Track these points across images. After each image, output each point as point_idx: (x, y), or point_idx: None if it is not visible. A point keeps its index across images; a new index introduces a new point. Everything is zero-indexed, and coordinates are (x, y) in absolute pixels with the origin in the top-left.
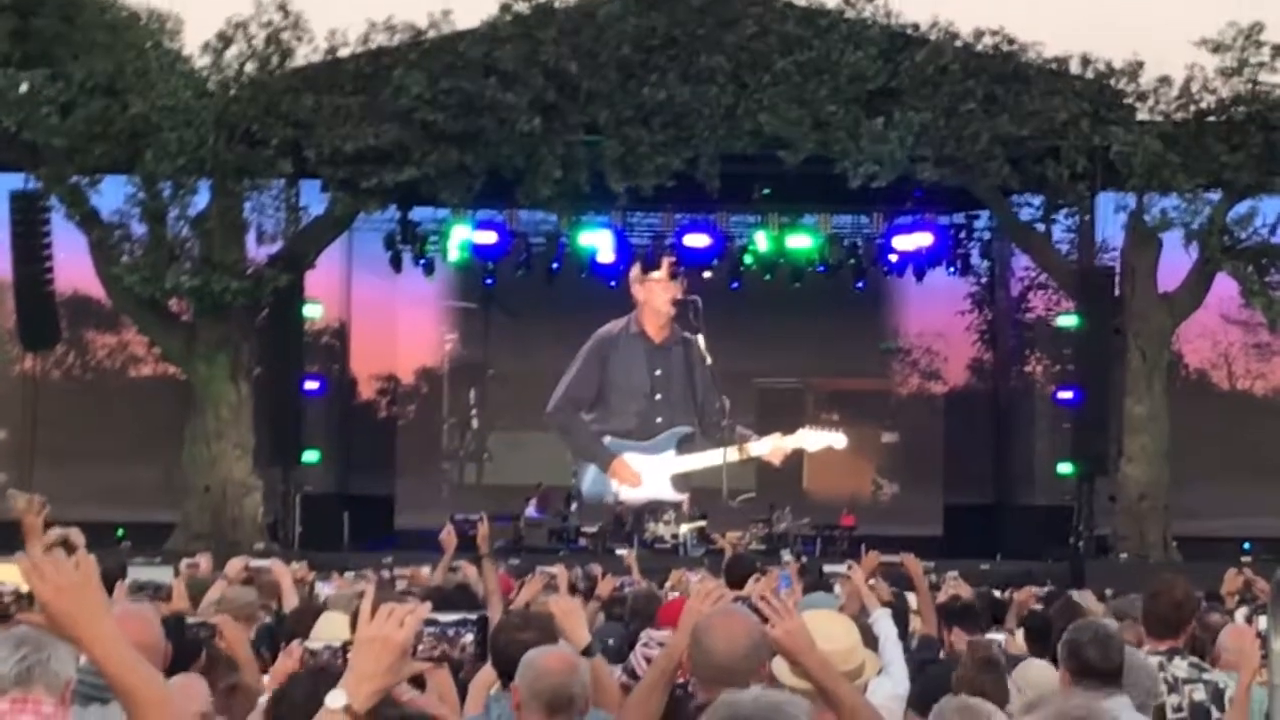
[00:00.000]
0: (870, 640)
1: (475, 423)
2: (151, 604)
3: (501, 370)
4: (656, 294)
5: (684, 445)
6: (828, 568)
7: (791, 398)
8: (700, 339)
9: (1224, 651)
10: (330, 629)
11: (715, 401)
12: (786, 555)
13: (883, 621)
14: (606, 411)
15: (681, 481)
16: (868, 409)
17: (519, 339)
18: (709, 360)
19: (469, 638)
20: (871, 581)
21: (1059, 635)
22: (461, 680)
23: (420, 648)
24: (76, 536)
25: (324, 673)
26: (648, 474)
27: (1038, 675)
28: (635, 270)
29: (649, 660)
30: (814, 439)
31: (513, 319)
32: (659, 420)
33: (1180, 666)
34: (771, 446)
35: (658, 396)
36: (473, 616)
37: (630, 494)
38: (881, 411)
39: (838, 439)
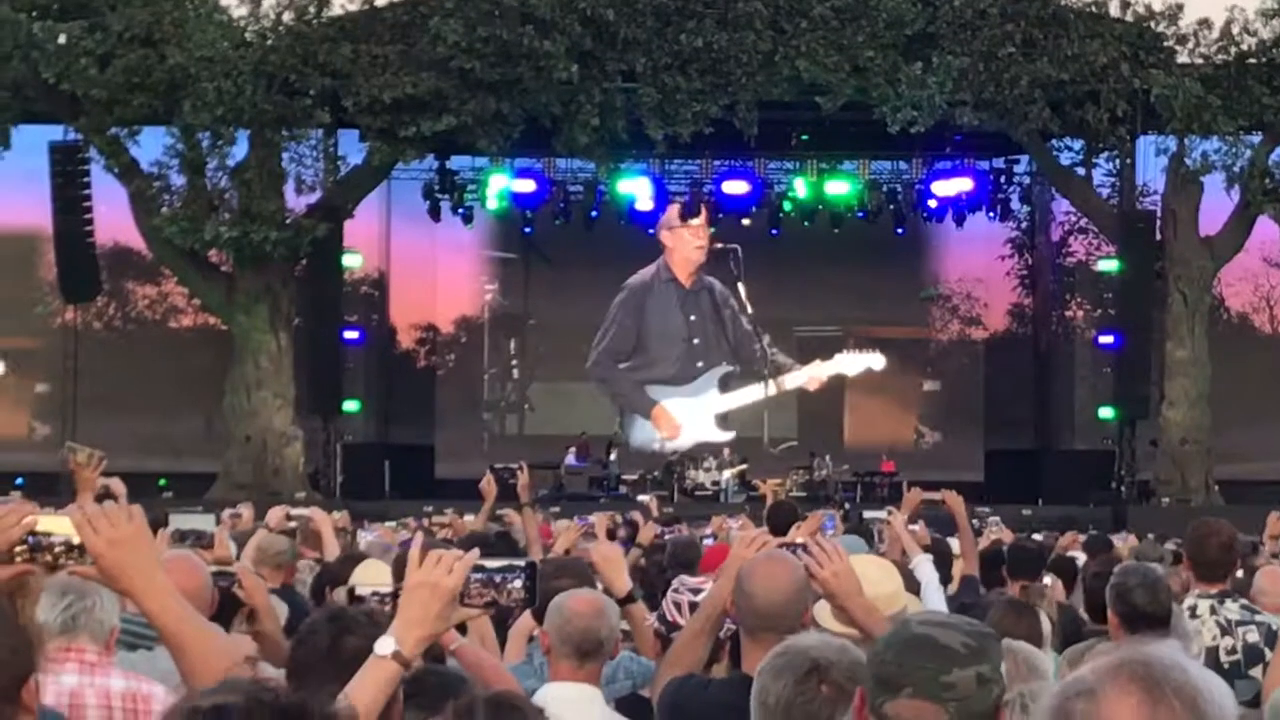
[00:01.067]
0: (911, 585)
1: (516, 373)
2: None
3: (541, 320)
4: (687, 241)
5: (725, 384)
6: (868, 513)
7: (831, 345)
8: (741, 288)
9: (1261, 595)
10: (368, 576)
11: (754, 343)
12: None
13: (923, 566)
14: (646, 359)
15: (725, 421)
16: (908, 356)
17: (558, 288)
18: (749, 308)
19: (517, 584)
20: (913, 528)
21: (1090, 580)
22: (508, 627)
23: (468, 594)
24: (117, 486)
25: (342, 616)
26: (690, 418)
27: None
28: (664, 218)
29: (679, 606)
30: (852, 362)
31: (551, 267)
32: (699, 364)
33: (1232, 609)
34: (809, 374)
35: (695, 340)
36: (520, 563)
37: (674, 441)
38: (922, 358)
39: (876, 359)
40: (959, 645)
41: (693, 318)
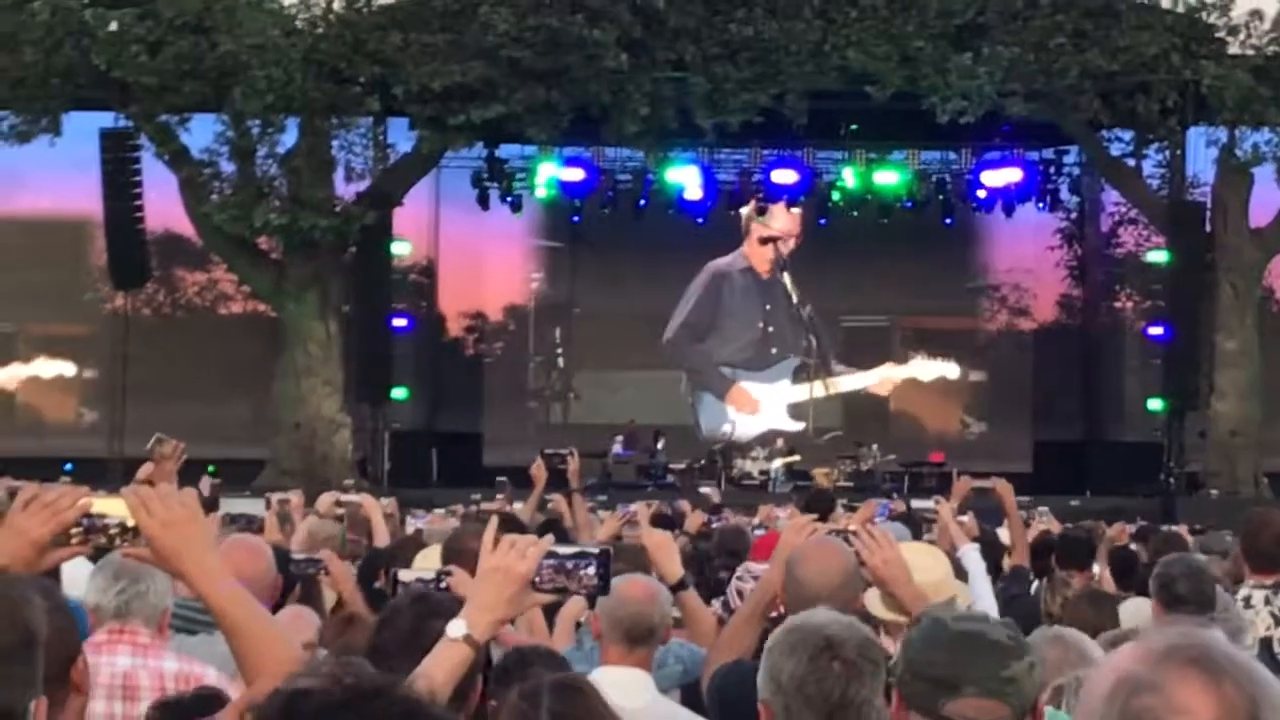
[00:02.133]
0: (959, 574)
1: (561, 361)
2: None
3: (588, 308)
4: (770, 231)
5: (799, 375)
6: (916, 503)
7: (878, 336)
8: (787, 277)
9: None
10: (429, 564)
11: (805, 339)
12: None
13: (971, 555)
14: (721, 340)
15: (796, 411)
16: (955, 347)
17: (605, 277)
18: (795, 298)
19: (590, 571)
20: (963, 518)
21: (1146, 570)
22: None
23: (540, 580)
24: (206, 485)
25: (427, 599)
26: (765, 402)
27: (1134, 612)
28: (747, 210)
29: (741, 594)
30: (928, 369)
31: (597, 255)
32: (774, 351)
33: None
34: (881, 377)
35: (770, 329)
36: (594, 549)
37: (747, 424)
38: (969, 349)
39: (950, 368)
40: (1006, 639)
41: (768, 306)
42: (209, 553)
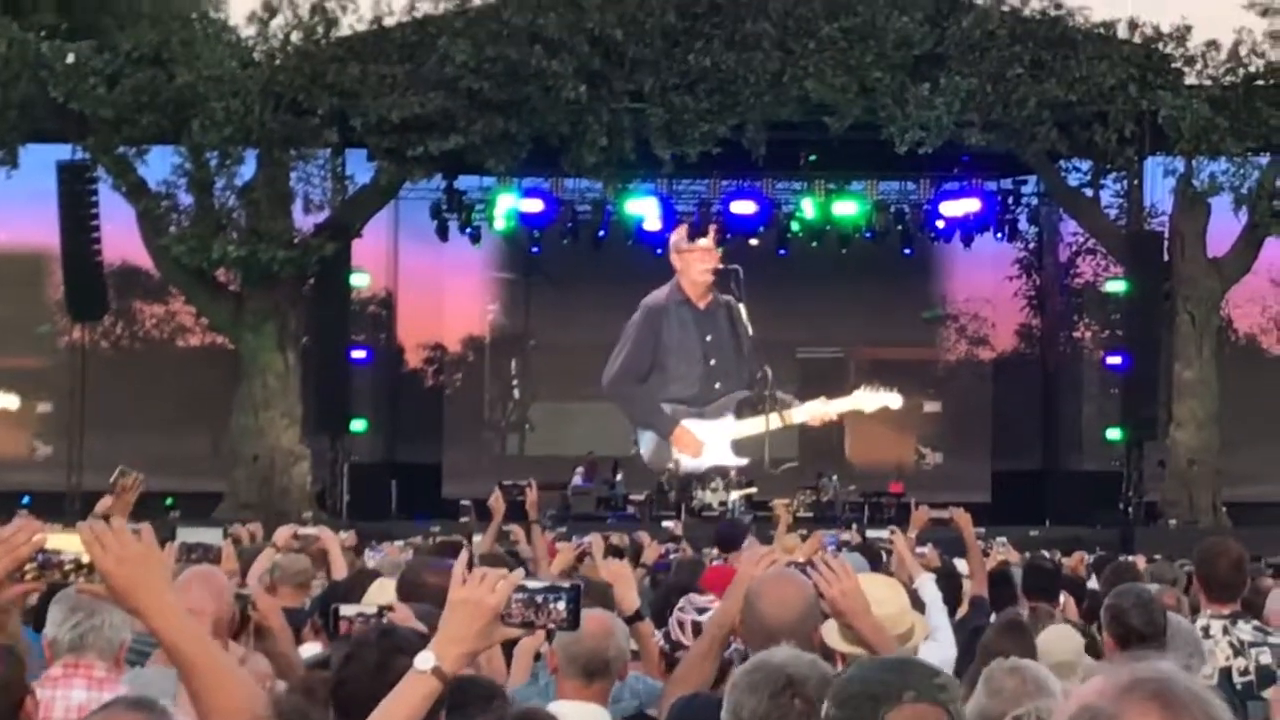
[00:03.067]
0: (916, 605)
1: (517, 393)
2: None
3: (544, 340)
4: (692, 264)
5: (743, 410)
6: (871, 533)
7: (833, 367)
8: (742, 308)
9: (1274, 616)
10: (382, 595)
11: (757, 370)
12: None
13: (927, 585)
14: (664, 378)
15: (741, 447)
16: (911, 378)
17: (561, 308)
18: (750, 330)
19: (560, 605)
20: (923, 549)
21: (1096, 600)
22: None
23: (510, 613)
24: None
25: (392, 634)
26: (709, 441)
27: (1058, 641)
28: (673, 239)
29: (683, 625)
30: (870, 400)
31: (554, 287)
32: (717, 386)
33: (1245, 630)
34: (825, 410)
35: (712, 362)
36: (565, 585)
37: (691, 461)
38: (925, 380)
39: (893, 399)
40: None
41: (709, 338)
42: (165, 590)
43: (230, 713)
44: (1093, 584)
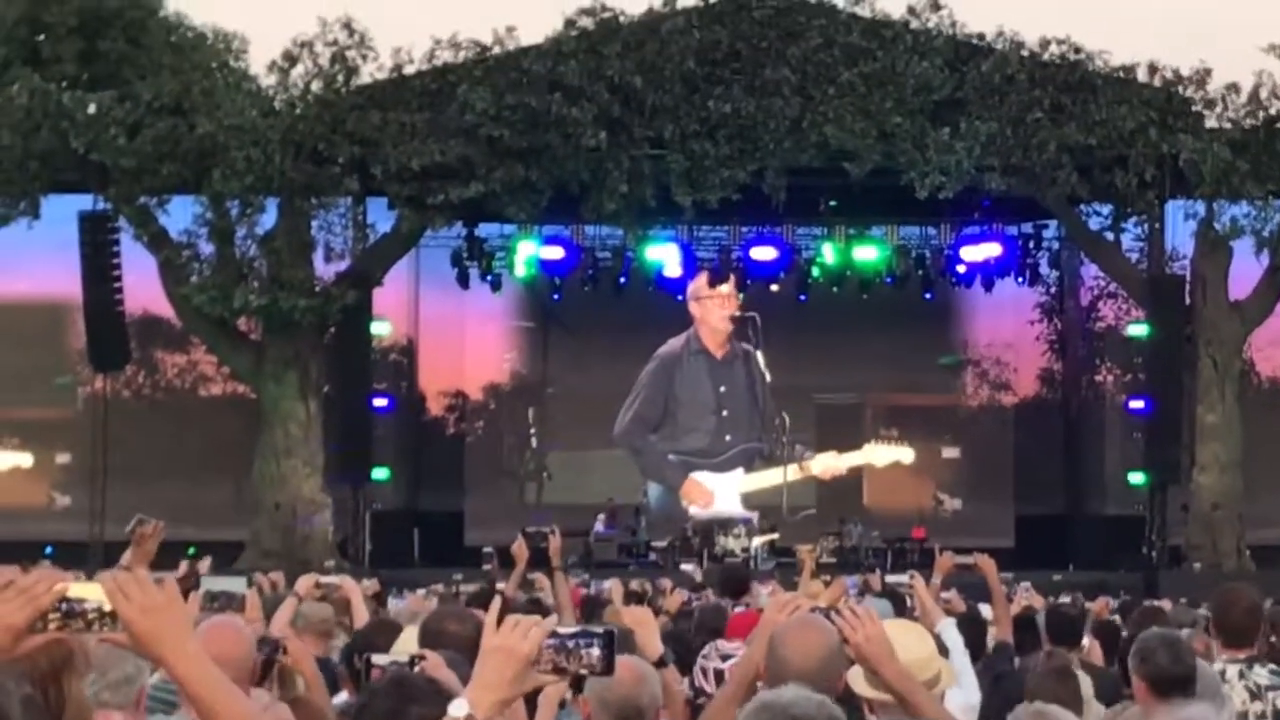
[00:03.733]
0: (940, 650)
1: (534, 441)
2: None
3: (563, 388)
4: (713, 311)
5: (753, 462)
6: (890, 578)
7: (850, 413)
8: (759, 355)
9: None
10: (407, 645)
11: (775, 418)
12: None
13: (949, 631)
14: (675, 430)
15: (751, 500)
16: (929, 424)
17: (581, 355)
18: (768, 377)
19: (594, 651)
20: (948, 595)
21: (1127, 643)
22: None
23: (542, 660)
24: (204, 566)
25: (405, 683)
26: (718, 492)
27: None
28: (692, 287)
29: (707, 672)
30: (881, 454)
31: (573, 335)
32: (728, 438)
33: (1261, 674)
34: (836, 464)
35: (724, 413)
36: (598, 630)
37: (701, 513)
38: (943, 426)
39: (905, 454)
40: None
41: (723, 389)
42: (187, 639)
43: None
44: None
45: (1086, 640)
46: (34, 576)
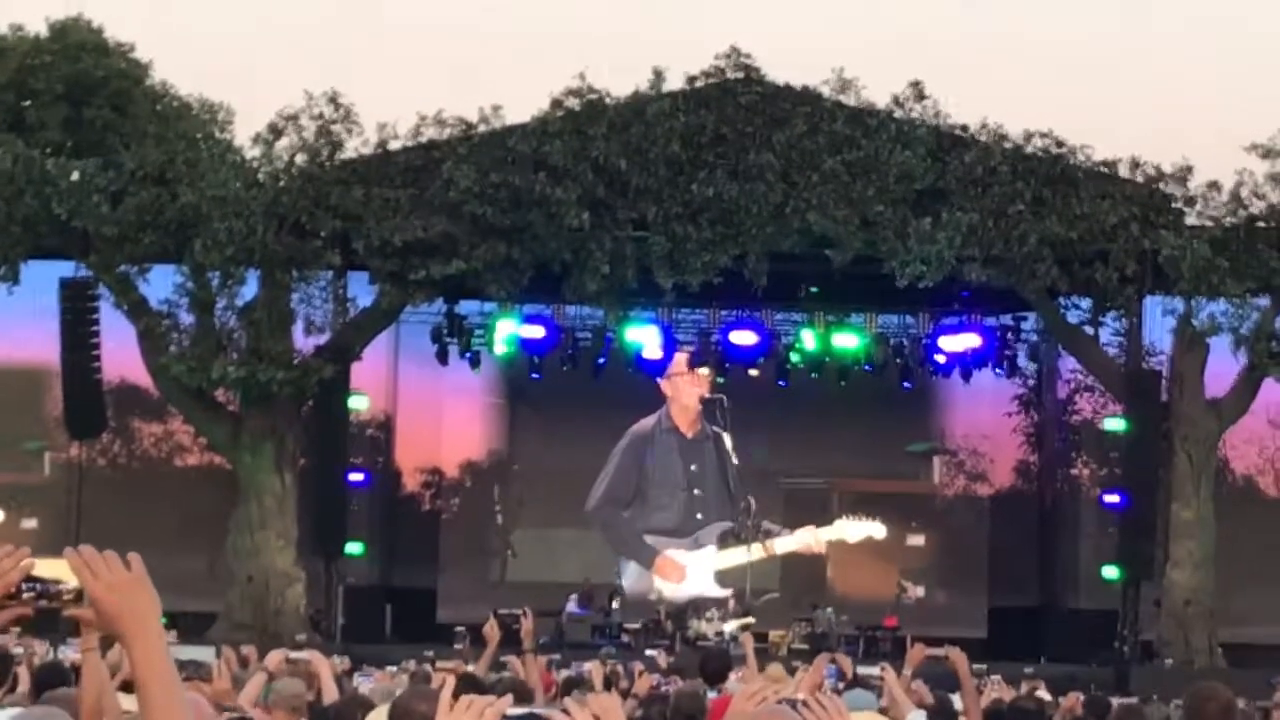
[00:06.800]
0: None
1: (500, 518)
2: (194, 687)
3: (530, 465)
4: (684, 389)
5: (725, 541)
6: (861, 669)
7: (817, 498)
8: (727, 438)
9: None
10: None
11: (740, 500)
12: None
13: None
14: (645, 509)
15: (724, 578)
16: (898, 511)
17: (550, 434)
18: (735, 460)
19: None
20: (915, 684)
21: None
22: None
23: None
24: None
25: None
26: (691, 570)
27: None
28: (672, 365)
29: None
30: (854, 530)
31: (546, 413)
32: (699, 516)
33: None
34: (808, 540)
35: (696, 492)
36: (543, 713)
37: (673, 591)
38: (912, 513)
39: (877, 529)
40: None
41: (693, 468)
42: (152, 620)
43: None
44: None
45: None
46: (1, 553)
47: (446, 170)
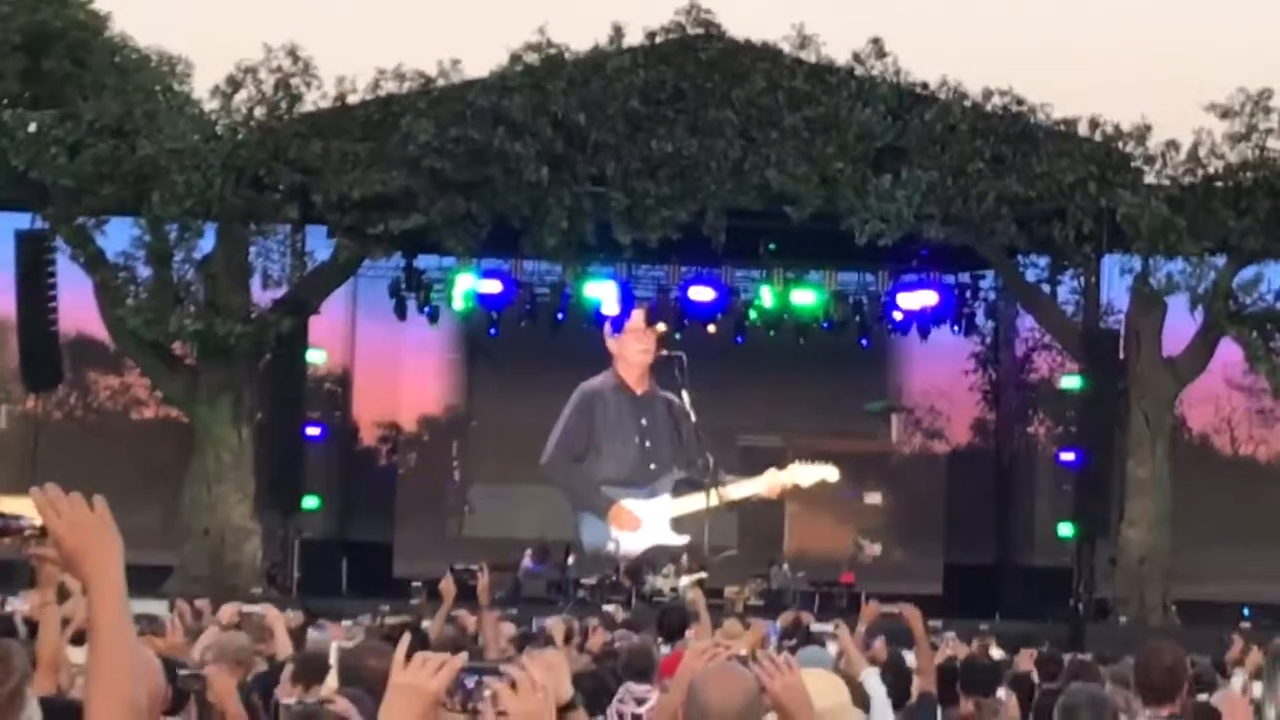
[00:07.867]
0: (861, 699)
1: (457, 474)
2: (147, 641)
3: (488, 422)
4: (629, 345)
5: (680, 490)
6: (815, 626)
7: (774, 456)
8: (685, 395)
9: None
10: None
11: (699, 458)
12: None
13: (871, 680)
14: (599, 460)
15: (681, 525)
16: (854, 468)
17: (507, 390)
18: (694, 417)
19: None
20: (876, 642)
21: (1044, 696)
22: None
23: (449, 699)
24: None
25: (316, 717)
26: (647, 519)
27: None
28: (627, 324)
29: (620, 716)
30: (807, 473)
31: (504, 370)
32: (652, 467)
33: None
34: (766, 484)
35: (647, 444)
36: (507, 669)
37: (630, 541)
38: (868, 471)
39: (830, 472)
40: None
41: (644, 421)
42: (113, 561)
43: (114, 700)
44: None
45: (1003, 692)
46: None
47: (405, 124)
